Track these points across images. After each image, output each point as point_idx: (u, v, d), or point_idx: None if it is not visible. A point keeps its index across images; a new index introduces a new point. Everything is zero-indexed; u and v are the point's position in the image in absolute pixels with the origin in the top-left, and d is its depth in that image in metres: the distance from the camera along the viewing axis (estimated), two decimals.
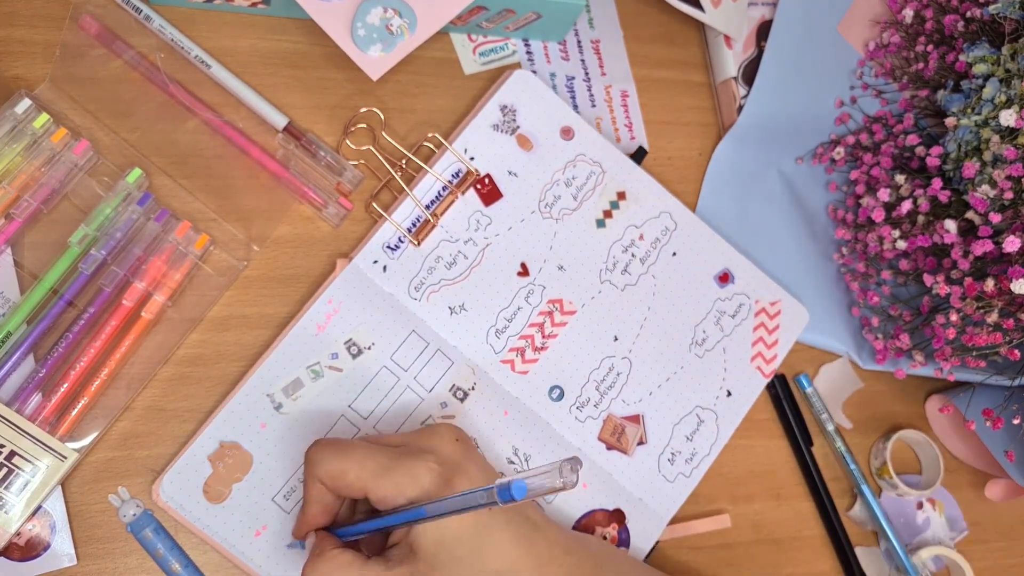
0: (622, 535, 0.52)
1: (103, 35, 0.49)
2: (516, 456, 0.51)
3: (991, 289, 0.49)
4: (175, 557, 0.45)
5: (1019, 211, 0.50)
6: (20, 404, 0.44)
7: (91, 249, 0.46)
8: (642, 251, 0.56)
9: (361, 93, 0.54)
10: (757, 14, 0.63)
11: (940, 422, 0.63)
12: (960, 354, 0.53)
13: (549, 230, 0.54)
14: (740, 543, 0.57)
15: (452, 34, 0.57)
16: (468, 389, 0.51)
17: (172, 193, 0.49)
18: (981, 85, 0.54)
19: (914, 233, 0.54)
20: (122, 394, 0.47)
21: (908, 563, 0.57)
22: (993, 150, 0.51)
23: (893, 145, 0.59)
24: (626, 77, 0.61)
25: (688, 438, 0.55)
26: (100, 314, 0.46)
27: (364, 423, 0.49)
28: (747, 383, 0.56)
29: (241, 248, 0.50)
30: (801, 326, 0.58)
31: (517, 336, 0.52)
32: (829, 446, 0.60)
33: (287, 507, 0.47)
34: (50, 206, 0.47)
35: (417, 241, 0.51)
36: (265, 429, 0.47)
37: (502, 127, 0.54)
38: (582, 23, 0.60)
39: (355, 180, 0.52)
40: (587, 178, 0.55)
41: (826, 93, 0.64)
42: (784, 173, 0.62)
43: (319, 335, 0.49)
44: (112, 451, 0.46)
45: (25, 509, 0.43)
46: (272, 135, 0.51)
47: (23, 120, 0.46)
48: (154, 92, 0.50)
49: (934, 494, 0.61)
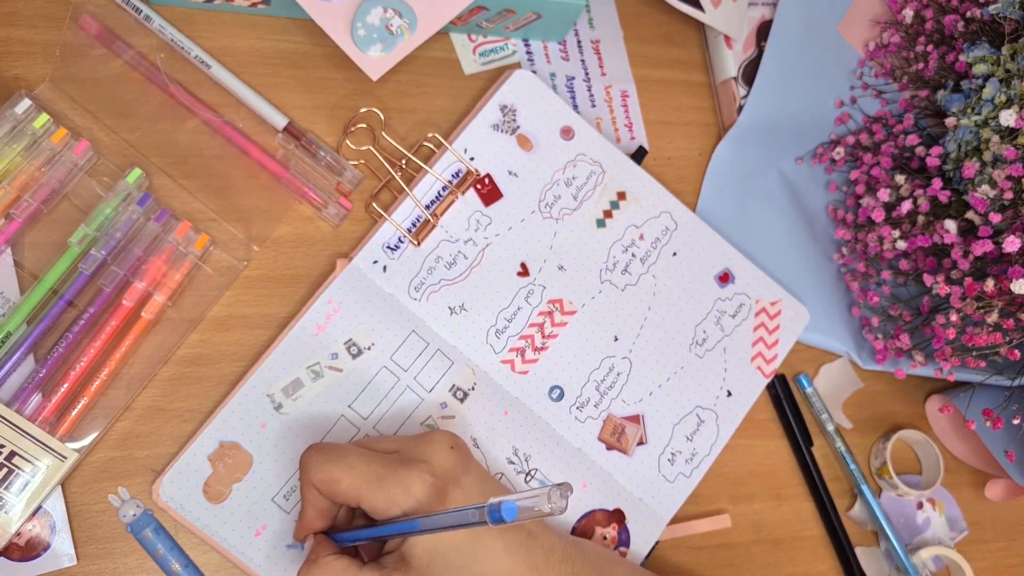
0: (622, 535, 0.52)
1: (103, 35, 0.49)
2: (516, 456, 0.51)
3: (991, 289, 0.49)
4: (175, 557, 0.45)
5: (1019, 211, 0.50)
6: (20, 404, 0.44)
7: (91, 249, 0.46)
8: (642, 251, 0.56)
9: (361, 93, 0.54)
10: (757, 14, 0.63)
11: (940, 422, 0.63)
12: (960, 354, 0.53)
13: (549, 230, 0.54)
14: (740, 543, 0.57)
15: (452, 34, 0.57)
16: (468, 389, 0.51)
17: (172, 193, 0.49)
18: (981, 85, 0.54)
19: (914, 233, 0.54)
20: (122, 394, 0.47)
21: (908, 563, 0.57)
22: (993, 150, 0.51)
23: (893, 145, 0.59)
24: (626, 77, 0.61)
25: (688, 438, 0.55)
26: (100, 314, 0.46)
27: (364, 423, 0.49)
28: (747, 383, 0.56)
29: (241, 248, 0.50)
30: (802, 326, 0.58)
31: (517, 336, 0.52)
32: (829, 446, 0.60)
33: (287, 507, 0.47)
34: (50, 206, 0.47)
35: (417, 241, 0.51)
36: (265, 429, 0.47)
37: (502, 127, 0.54)
38: (582, 23, 0.60)
39: (355, 180, 0.52)
40: (587, 178, 0.55)
41: (826, 93, 0.64)
42: (784, 173, 0.62)
43: (319, 335, 0.49)
44: (112, 451, 0.46)
45: (25, 509, 0.43)
46: (272, 135, 0.52)
47: (23, 120, 0.46)
48: (154, 92, 0.50)
49: (934, 494, 0.61)
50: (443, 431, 0.45)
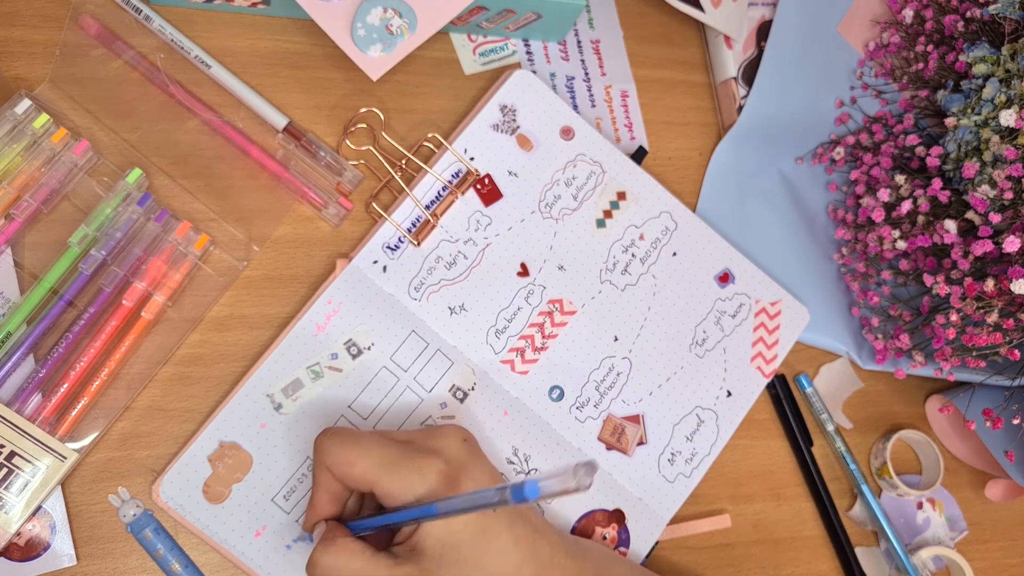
0: (622, 535, 0.52)
1: (103, 35, 0.49)
2: (516, 456, 0.51)
3: (991, 289, 0.49)
4: (175, 557, 0.45)
5: (1019, 211, 0.50)
6: (20, 404, 0.44)
7: (91, 249, 0.46)
8: (642, 251, 0.56)
9: (361, 93, 0.54)
10: (757, 14, 0.63)
11: (940, 422, 0.63)
12: (960, 354, 0.53)
13: (549, 230, 0.54)
14: (740, 543, 0.57)
15: (452, 34, 0.57)
16: (468, 389, 0.51)
17: (172, 193, 0.49)
18: (981, 85, 0.54)
19: (914, 233, 0.54)
20: (122, 394, 0.47)
21: (908, 563, 0.57)
22: (993, 150, 0.51)
23: (893, 145, 0.59)
24: (626, 77, 0.61)
25: (688, 438, 0.55)
26: (100, 314, 0.46)
27: (364, 423, 0.49)
28: (747, 383, 0.56)
29: (241, 248, 0.50)
30: (802, 326, 0.58)
31: (517, 336, 0.52)
32: (829, 446, 0.60)
33: (287, 507, 0.47)
34: (50, 206, 0.47)
35: (417, 241, 0.51)
36: (265, 429, 0.47)
37: (502, 127, 0.54)
38: (582, 23, 0.60)
39: (355, 180, 0.52)
40: (587, 178, 0.55)
41: (826, 93, 0.64)
42: (784, 173, 0.62)
43: (319, 335, 0.49)
44: (112, 451, 0.46)
45: (25, 509, 0.43)
46: (272, 135, 0.52)
47: (23, 120, 0.46)
48: (154, 92, 0.50)
49: (934, 494, 0.61)
50: (455, 425, 0.45)
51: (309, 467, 0.47)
